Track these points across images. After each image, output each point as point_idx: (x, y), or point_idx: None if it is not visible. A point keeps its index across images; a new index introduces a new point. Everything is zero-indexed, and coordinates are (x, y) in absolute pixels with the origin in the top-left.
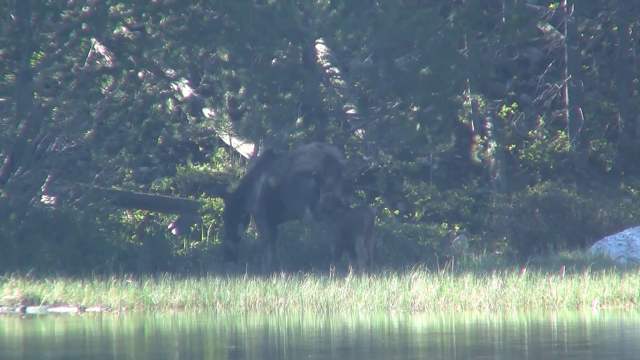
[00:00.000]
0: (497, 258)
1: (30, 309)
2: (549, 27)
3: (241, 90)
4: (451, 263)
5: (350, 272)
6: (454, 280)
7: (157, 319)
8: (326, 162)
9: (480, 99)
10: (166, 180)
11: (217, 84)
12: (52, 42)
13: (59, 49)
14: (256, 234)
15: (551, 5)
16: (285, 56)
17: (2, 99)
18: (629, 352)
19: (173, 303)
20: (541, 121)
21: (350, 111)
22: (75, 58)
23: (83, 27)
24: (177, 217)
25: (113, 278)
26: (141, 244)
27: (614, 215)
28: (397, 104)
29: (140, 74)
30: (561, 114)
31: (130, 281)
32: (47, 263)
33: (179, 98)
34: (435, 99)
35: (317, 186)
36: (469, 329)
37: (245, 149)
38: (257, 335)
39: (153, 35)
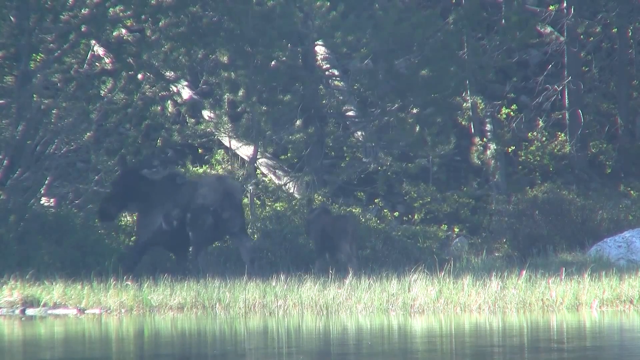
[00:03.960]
0: (497, 260)
1: (30, 311)
2: (548, 29)
3: (240, 92)
4: (451, 265)
5: (332, 274)
6: (453, 282)
7: (156, 320)
8: (224, 196)
9: (480, 101)
10: None
11: (216, 86)
12: (51, 44)
13: (59, 51)
14: (255, 236)
15: (551, 7)
16: (284, 58)
17: (2, 101)
18: (629, 354)
19: (172, 305)
20: (541, 123)
21: (350, 113)
22: (74, 60)
23: (82, 29)
24: None
25: (112, 280)
26: None
27: (613, 217)
28: (396, 105)
29: (139, 76)
30: (561, 116)
31: (129, 283)
32: (47, 265)
33: (179, 100)
34: (434, 101)
35: (214, 222)
36: (469, 331)
37: (245, 150)
38: (256, 338)
39: (152, 37)
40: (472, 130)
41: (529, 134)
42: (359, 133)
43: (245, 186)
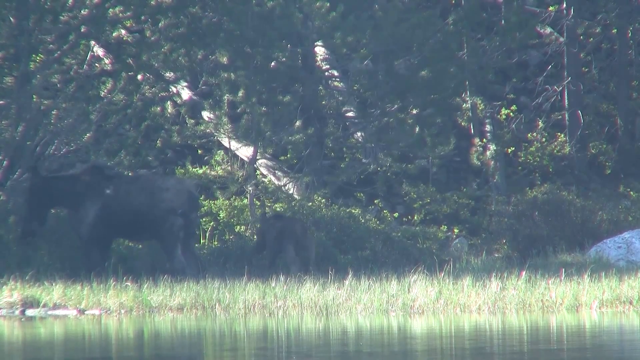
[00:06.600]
0: (497, 261)
1: (30, 312)
2: (548, 30)
3: (240, 93)
4: (450, 266)
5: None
6: (453, 283)
7: (156, 321)
8: (189, 199)
9: (480, 102)
10: None
11: (216, 87)
12: (51, 45)
13: (58, 52)
14: (254, 237)
15: (550, 8)
16: (284, 59)
17: (2, 102)
18: (628, 355)
19: (172, 306)
20: (540, 124)
21: (350, 114)
22: (74, 61)
23: (82, 30)
24: None
25: (112, 280)
26: (140, 246)
27: (613, 217)
28: (396, 106)
29: (139, 77)
30: (560, 117)
31: (129, 284)
32: (47, 265)
33: (178, 101)
34: (434, 102)
35: (184, 223)
36: (468, 332)
37: (245, 151)
38: (255, 338)
39: (152, 38)
40: (472, 131)
41: (529, 135)
42: (359, 134)
43: (245, 187)
